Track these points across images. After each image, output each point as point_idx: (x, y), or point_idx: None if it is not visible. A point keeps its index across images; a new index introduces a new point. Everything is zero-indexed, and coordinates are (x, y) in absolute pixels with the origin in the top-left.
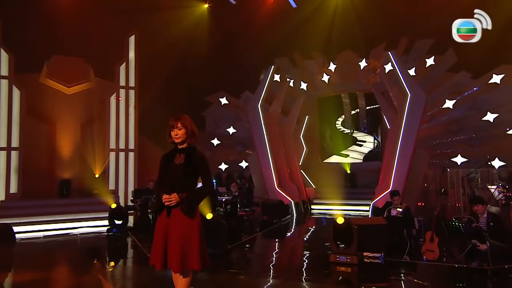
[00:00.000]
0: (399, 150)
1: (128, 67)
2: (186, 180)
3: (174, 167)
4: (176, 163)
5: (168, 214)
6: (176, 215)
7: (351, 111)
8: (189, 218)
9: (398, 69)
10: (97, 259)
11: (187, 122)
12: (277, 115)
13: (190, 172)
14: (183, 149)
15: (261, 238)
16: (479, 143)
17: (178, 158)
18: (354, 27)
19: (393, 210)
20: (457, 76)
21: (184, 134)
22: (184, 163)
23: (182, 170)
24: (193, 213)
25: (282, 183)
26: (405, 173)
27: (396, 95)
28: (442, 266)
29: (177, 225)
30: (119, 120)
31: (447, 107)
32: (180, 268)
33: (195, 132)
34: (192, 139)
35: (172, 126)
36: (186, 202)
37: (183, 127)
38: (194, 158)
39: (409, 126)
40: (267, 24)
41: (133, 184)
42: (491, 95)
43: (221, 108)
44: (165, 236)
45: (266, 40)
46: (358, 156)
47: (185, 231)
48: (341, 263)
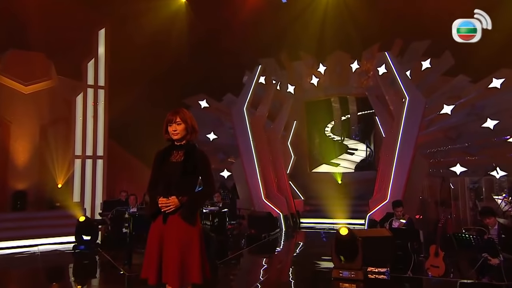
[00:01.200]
0: (396, 158)
1: (97, 64)
2: (185, 180)
3: (171, 165)
4: (173, 160)
5: (164, 220)
6: (174, 221)
7: (341, 117)
8: (189, 225)
9: (396, 70)
10: (61, 280)
11: (187, 117)
12: (264, 119)
13: (190, 170)
14: (182, 145)
15: (249, 255)
16: (478, 151)
17: (175, 155)
18: (346, 26)
19: (395, 222)
20: (455, 80)
21: (183, 130)
22: (183, 161)
23: (180, 168)
24: (194, 219)
25: (269, 194)
26: (403, 183)
27: (393, 98)
28: (451, 281)
29: (174, 233)
30: (86, 123)
31: (445, 112)
32: (179, 281)
33: (195, 128)
34: (192, 136)
35: (170, 120)
36: (187, 207)
37: (183, 122)
38: (194, 156)
39: (407, 133)
40: (252, 22)
41: (102, 195)
42: (491, 100)
43: (200, 112)
44: (160, 245)
45: (251, 39)
46: (349, 166)
47: (184, 239)
48: (344, 279)
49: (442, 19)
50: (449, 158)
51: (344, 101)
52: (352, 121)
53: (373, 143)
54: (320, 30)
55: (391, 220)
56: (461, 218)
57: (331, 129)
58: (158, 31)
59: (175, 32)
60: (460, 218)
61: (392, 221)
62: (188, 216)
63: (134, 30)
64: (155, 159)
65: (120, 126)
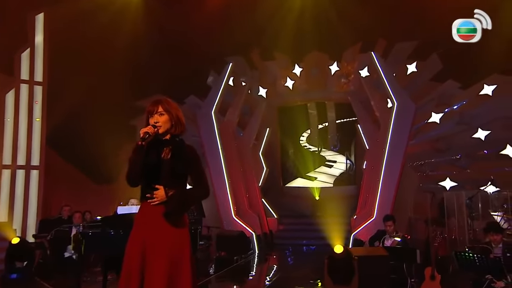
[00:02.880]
0: (384, 171)
1: (33, 55)
2: (174, 182)
3: (157, 162)
4: (160, 157)
5: (147, 225)
6: (160, 226)
7: (318, 125)
8: (178, 231)
9: (383, 72)
10: None
11: (171, 107)
12: (234, 126)
13: (180, 171)
14: (168, 141)
15: (219, 282)
16: (470, 164)
17: (162, 151)
18: (325, 24)
19: (388, 240)
20: (444, 85)
21: (167, 122)
22: (172, 159)
23: (168, 167)
24: (181, 221)
25: (240, 211)
26: (391, 199)
27: (379, 104)
28: None
29: (161, 241)
30: (19, 126)
31: (433, 121)
32: None
33: (181, 120)
34: (178, 129)
35: (151, 111)
36: (175, 200)
37: (166, 112)
38: (184, 153)
39: (395, 142)
40: (218, 14)
41: (36, 214)
42: (482, 109)
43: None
44: (143, 257)
45: (217, 34)
46: (327, 180)
47: (174, 249)
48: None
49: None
50: (438, 172)
51: (322, 107)
52: (331, 129)
53: (353, 154)
54: (296, 27)
55: (384, 238)
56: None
57: (306, 138)
58: (111, 20)
59: (130, 22)
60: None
61: (385, 239)
62: (173, 212)
63: (79, 15)
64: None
65: (61, 131)
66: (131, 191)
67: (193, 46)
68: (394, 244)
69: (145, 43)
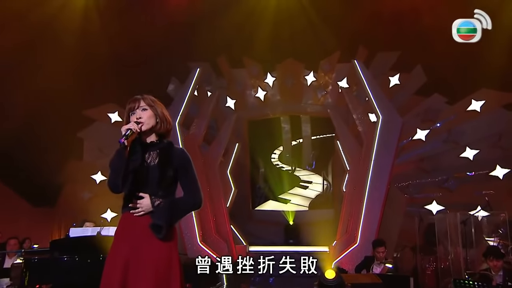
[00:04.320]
0: (368, 192)
1: None
2: (161, 190)
3: (142, 168)
4: (145, 162)
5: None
6: (145, 240)
7: (292, 141)
8: (166, 245)
9: (367, 83)
10: None
11: (155, 102)
12: (200, 140)
13: (168, 178)
14: (154, 144)
15: None
16: (457, 186)
17: (147, 155)
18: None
19: (378, 267)
20: (429, 100)
21: (151, 117)
22: (159, 164)
23: (156, 174)
24: (169, 233)
25: (206, 236)
26: (376, 223)
27: (362, 118)
28: None
29: (147, 257)
30: None
31: (418, 138)
32: None
33: (167, 117)
34: (163, 127)
35: (132, 108)
36: (163, 211)
37: (149, 108)
38: (173, 156)
39: (380, 160)
40: (181, 13)
41: None
42: (470, 126)
43: (110, 127)
44: (124, 278)
45: (180, 35)
46: (302, 202)
47: (161, 266)
48: None
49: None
50: (423, 194)
51: (297, 121)
52: (306, 146)
53: (331, 174)
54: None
55: (373, 265)
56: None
57: (279, 156)
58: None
59: (79, 23)
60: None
61: (373, 266)
62: (161, 223)
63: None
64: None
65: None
66: (75, 214)
67: (152, 50)
68: (384, 271)
69: (97, 46)
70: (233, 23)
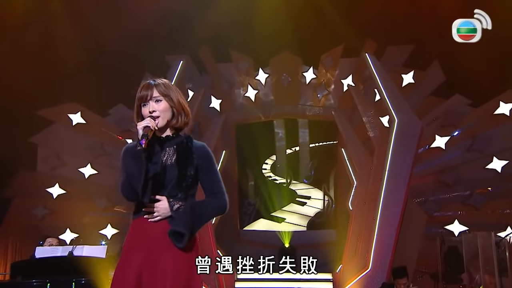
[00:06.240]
0: (381, 208)
1: None
2: (180, 192)
3: (158, 168)
4: (162, 161)
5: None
6: (163, 249)
7: (286, 149)
8: (187, 256)
9: (380, 81)
10: None
11: (170, 88)
12: None
13: (190, 178)
14: (171, 138)
15: None
16: (483, 203)
17: (163, 153)
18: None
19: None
20: (449, 101)
21: (167, 110)
22: (178, 162)
23: (174, 173)
24: (191, 243)
25: None
26: (391, 245)
27: (373, 121)
28: None
29: (164, 268)
30: None
31: (437, 146)
32: None
33: (185, 108)
34: (181, 120)
35: (144, 98)
36: (183, 216)
37: (164, 98)
38: (193, 153)
39: (396, 170)
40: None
41: None
42: (497, 132)
43: (70, 131)
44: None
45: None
46: (299, 221)
47: (181, 280)
48: None
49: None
50: (443, 212)
51: (293, 125)
52: (303, 155)
53: (333, 188)
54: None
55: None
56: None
57: (271, 166)
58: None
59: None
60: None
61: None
62: (182, 229)
63: None
64: (123, 158)
65: None
66: (26, 234)
67: (123, 40)
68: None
69: (58, 35)
70: (218, 9)
